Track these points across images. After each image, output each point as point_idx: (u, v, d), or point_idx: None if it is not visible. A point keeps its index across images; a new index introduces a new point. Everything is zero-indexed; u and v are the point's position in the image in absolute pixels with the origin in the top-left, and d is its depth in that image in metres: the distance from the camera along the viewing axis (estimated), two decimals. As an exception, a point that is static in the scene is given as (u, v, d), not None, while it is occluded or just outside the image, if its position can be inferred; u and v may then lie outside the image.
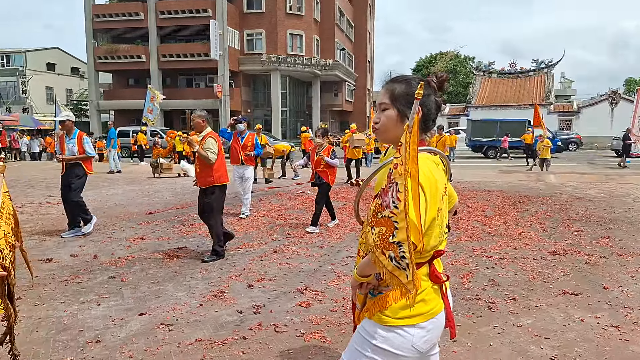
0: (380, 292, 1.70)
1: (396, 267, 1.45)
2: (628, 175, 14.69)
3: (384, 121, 1.76)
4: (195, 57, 37.13)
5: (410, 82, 1.75)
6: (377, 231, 1.49)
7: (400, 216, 1.45)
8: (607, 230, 7.17)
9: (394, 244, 1.45)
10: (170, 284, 4.85)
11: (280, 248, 6.19)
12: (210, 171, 5.63)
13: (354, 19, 52.80)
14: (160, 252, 6.02)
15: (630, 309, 4.10)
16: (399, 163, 1.51)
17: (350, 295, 1.90)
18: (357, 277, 1.71)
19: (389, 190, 1.50)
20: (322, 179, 7.29)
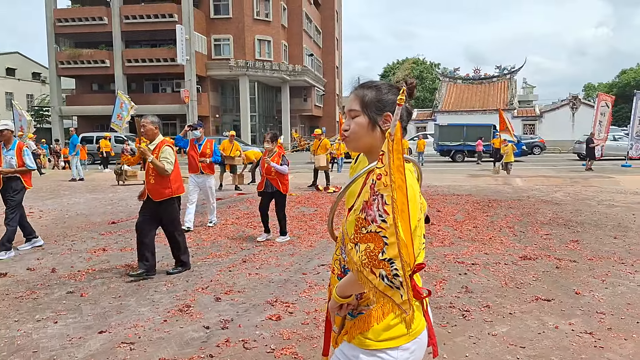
0: (361, 312, 1.57)
1: (388, 286, 1.33)
2: (592, 178, 15.05)
3: (354, 129, 1.64)
4: (161, 62, 36.54)
5: (380, 88, 1.65)
6: (364, 248, 1.36)
7: (389, 230, 1.33)
8: (575, 233, 7.25)
9: (385, 261, 1.32)
10: (132, 298, 4.60)
11: (249, 257, 6.00)
12: (167, 182, 5.26)
13: (322, 25, 53.04)
14: (123, 265, 5.75)
15: (602, 314, 4.09)
16: (382, 173, 1.39)
17: (324, 309, 1.76)
18: (338, 298, 1.56)
19: (374, 203, 1.38)
20: (274, 187, 6.82)
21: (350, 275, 1.47)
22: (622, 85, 61.64)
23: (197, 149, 7.86)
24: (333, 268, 1.69)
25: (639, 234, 7.13)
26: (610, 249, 6.25)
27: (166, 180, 5.25)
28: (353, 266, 1.40)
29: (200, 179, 7.90)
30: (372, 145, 1.63)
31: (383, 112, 1.61)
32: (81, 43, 38.86)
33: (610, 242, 6.67)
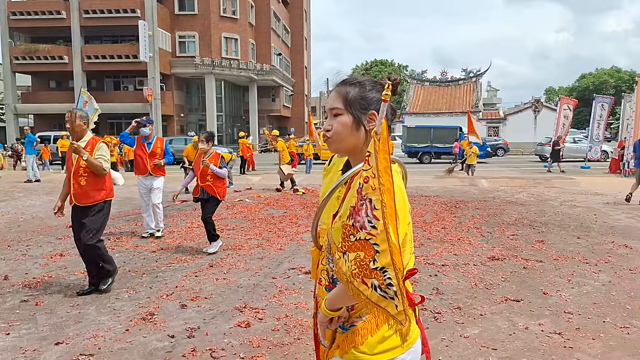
0: (353, 324, 1.47)
1: (382, 297, 1.23)
2: (553, 179, 15.44)
3: (337, 129, 1.53)
4: (123, 58, 35.60)
5: (364, 84, 1.56)
6: (353, 257, 1.26)
7: (380, 237, 1.23)
8: (540, 233, 7.37)
9: (377, 270, 1.23)
10: (92, 306, 4.38)
11: (216, 262, 5.82)
12: (102, 184, 4.69)
13: (290, 24, 52.82)
14: (81, 271, 5.46)
15: (570, 314, 4.13)
16: (369, 176, 1.29)
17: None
18: (327, 312, 1.45)
19: (362, 208, 1.28)
20: (209, 193, 6.16)
21: (340, 286, 1.38)
22: (581, 89, 63.92)
23: (145, 148, 7.13)
24: (320, 279, 1.58)
25: (600, 233, 7.30)
26: (574, 249, 6.36)
27: (101, 181, 4.70)
28: (342, 277, 1.30)
29: (148, 181, 7.23)
30: (356, 145, 1.54)
31: (367, 111, 1.51)
32: (38, 38, 37.43)
33: (574, 242, 6.81)
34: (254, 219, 8.68)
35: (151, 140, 7.17)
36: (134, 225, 8.18)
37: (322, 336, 1.54)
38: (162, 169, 7.33)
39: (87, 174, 4.64)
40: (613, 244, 6.58)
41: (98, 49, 36.45)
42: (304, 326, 3.87)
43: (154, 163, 7.09)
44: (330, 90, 1.62)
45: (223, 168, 6.21)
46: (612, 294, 4.63)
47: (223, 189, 6.33)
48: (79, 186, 4.64)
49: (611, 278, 5.10)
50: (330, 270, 1.52)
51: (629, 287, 4.81)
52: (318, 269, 1.61)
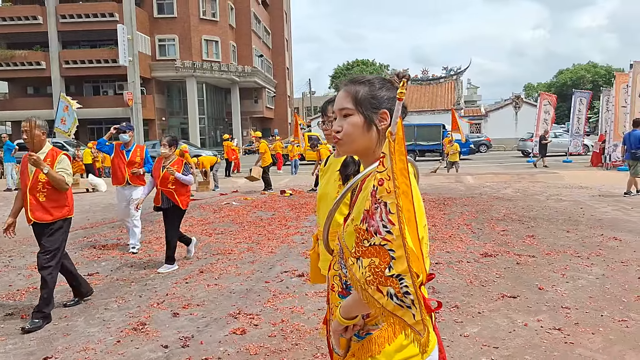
0: (369, 332, 1.40)
1: (398, 305, 1.17)
2: (537, 174, 15.58)
3: (348, 130, 1.45)
4: (102, 63, 35.06)
5: (373, 82, 1.49)
6: (368, 263, 1.20)
7: (396, 243, 1.16)
8: (530, 228, 7.38)
9: (393, 278, 1.16)
10: (80, 318, 4.23)
11: (207, 267, 5.70)
12: (64, 200, 4.27)
13: (271, 25, 52.64)
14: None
15: (568, 309, 4.11)
16: (384, 178, 1.22)
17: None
18: (342, 320, 1.38)
19: (376, 212, 1.21)
20: (171, 201, 5.61)
21: (355, 293, 1.30)
22: (559, 85, 64.86)
23: (124, 156, 6.59)
24: (332, 285, 1.51)
25: (589, 227, 7.35)
26: (565, 243, 6.38)
27: (63, 197, 4.26)
28: (356, 284, 1.22)
29: (127, 191, 6.64)
30: (368, 147, 1.46)
31: (379, 110, 1.44)
32: (14, 43, 36.64)
33: (563, 236, 6.83)
34: (243, 222, 8.56)
35: (130, 147, 6.67)
36: (119, 232, 8.00)
37: (336, 345, 1.47)
38: (141, 179, 6.71)
39: (47, 189, 4.20)
40: (602, 237, 6.62)
41: (76, 53, 35.86)
42: (301, 331, 3.79)
43: (132, 172, 6.54)
44: (339, 89, 1.54)
45: (188, 175, 5.70)
46: (606, 287, 4.63)
47: (186, 197, 5.75)
48: (37, 202, 4.18)
49: (604, 271, 5.11)
50: (343, 276, 1.44)
51: (622, 279, 4.82)
52: (330, 274, 1.54)
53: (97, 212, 10.48)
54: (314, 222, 8.36)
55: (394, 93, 1.49)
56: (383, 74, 54.36)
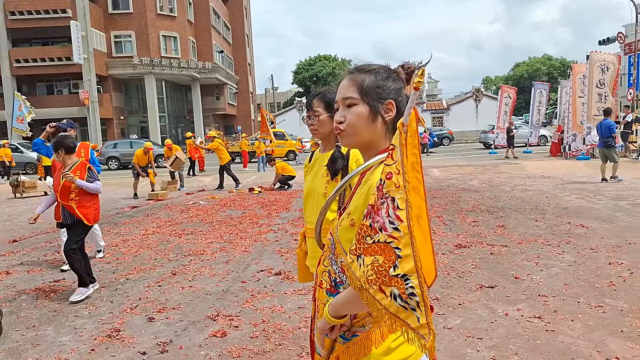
0: (355, 334, 1.33)
1: (402, 307, 1.09)
2: (500, 165, 15.94)
3: (352, 120, 1.37)
4: (55, 61, 33.84)
5: (379, 72, 1.41)
6: (370, 261, 1.12)
7: (403, 241, 1.09)
8: (499, 218, 7.51)
9: (398, 278, 1.09)
10: (50, 327, 4.01)
11: (179, 269, 5.53)
12: None
13: (230, 21, 51.96)
14: (32, 289, 5.05)
15: (545, 297, 4.17)
16: (393, 172, 1.14)
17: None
18: (331, 318, 1.30)
19: (382, 207, 1.13)
20: (74, 216, 4.60)
21: (349, 292, 1.22)
22: (516, 78, 66.74)
23: None
24: (320, 281, 1.42)
25: (556, 215, 7.53)
26: (535, 232, 6.51)
27: None
28: (355, 282, 1.14)
29: None
30: (373, 139, 1.39)
31: (385, 100, 1.37)
32: (-41, 42, 34.92)
33: (533, 225, 6.97)
34: (212, 222, 8.37)
35: None
36: (83, 236, 7.67)
37: (320, 345, 1.39)
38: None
39: None
40: (570, 225, 6.79)
41: (27, 52, 34.47)
42: (283, 331, 3.70)
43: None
44: (343, 78, 1.46)
45: (95, 181, 4.69)
46: (579, 273, 4.73)
47: (93, 210, 4.72)
48: None
49: (575, 258, 5.23)
50: (332, 273, 1.37)
51: (593, 265, 4.94)
52: (319, 269, 1.45)
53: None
54: (286, 219, 8.27)
55: (400, 84, 1.43)
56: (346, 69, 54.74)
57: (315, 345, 1.50)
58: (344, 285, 1.33)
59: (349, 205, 1.37)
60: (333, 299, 1.32)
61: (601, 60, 15.14)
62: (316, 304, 1.46)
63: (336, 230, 1.36)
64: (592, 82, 14.96)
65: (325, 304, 1.36)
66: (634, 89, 20.27)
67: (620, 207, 7.97)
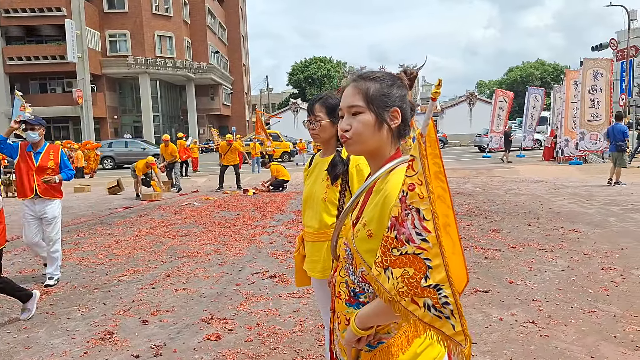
0: (381, 341, 1.34)
1: (436, 317, 1.11)
2: (494, 169, 16.01)
3: (359, 129, 1.37)
4: (49, 59, 33.66)
5: (384, 79, 1.42)
6: (400, 273, 1.13)
7: (433, 251, 1.10)
8: (493, 222, 7.54)
9: (430, 288, 1.10)
10: (42, 329, 3.98)
11: (173, 271, 5.50)
12: None
13: (226, 21, 51.93)
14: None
15: (539, 302, 4.19)
16: (415, 183, 1.15)
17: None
18: (358, 330, 1.31)
19: (407, 219, 1.14)
20: None
21: (377, 304, 1.24)
22: (510, 82, 67.04)
23: (32, 159, 5.02)
24: (339, 292, 1.43)
25: (549, 220, 7.57)
26: (528, 236, 6.54)
27: None
28: (385, 295, 1.15)
29: (38, 206, 5.10)
30: (379, 147, 1.39)
31: (390, 108, 1.37)
32: (-48, 39, 34.66)
33: (526, 229, 7.00)
34: (206, 223, 8.34)
35: (41, 148, 5.09)
36: (76, 237, 7.63)
37: (347, 357, 1.39)
38: (57, 189, 5.20)
39: None
40: (563, 230, 6.83)
41: (21, 49, 34.28)
42: (278, 334, 3.69)
43: (43, 180, 4.98)
44: (347, 85, 1.46)
45: None
46: (573, 278, 4.75)
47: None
48: None
49: (569, 263, 5.26)
50: (351, 283, 1.38)
51: (587, 271, 4.97)
52: (336, 280, 1.46)
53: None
54: (280, 221, 8.25)
55: (403, 91, 1.44)
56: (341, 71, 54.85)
57: (335, 356, 1.51)
58: (364, 295, 1.35)
59: (362, 216, 1.37)
60: (359, 311, 1.33)
61: (594, 66, 15.26)
62: (336, 316, 1.47)
63: (352, 240, 1.37)
64: (585, 87, 15.07)
65: (345, 315, 1.38)
66: (626, 94, 20.45)
67: (613, 212, 8.03)
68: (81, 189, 14.41)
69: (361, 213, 1.38)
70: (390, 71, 1.49)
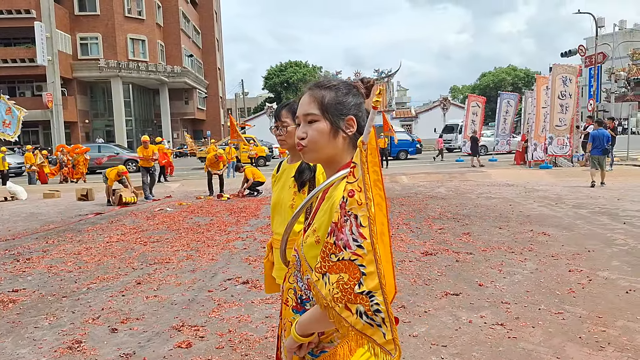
0: (323, 350, 1.34)
1: (368, 324, 1.11)
2: (467, 173, 16.25)
3: (314, 137, 1.39)
4: (18, 62, 32.93)
5: (339, 87, 1.43)
6: (335, 279, 1.13)
7: (367, 258, 1.11)
8: (465, 226, 7.65)
9: (363, 295, 1.11)
10: (7, 338, 3.87)
11: (144, 278, 5.42)
12: None
13: (200, 25, 51.57)
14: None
15: (507, 304, 4.26)
16: (354, 189, 1.16)
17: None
18: (298, 337, 1.31)
19: (346, 225, 1.15)
20: None
21: (315, 310, 1.24)
22: (482, 87, 68.28)
23: None
24: (286, 299, 1.43)
25: (519, 223, 7.73)
26: (498, 239, 6.66)
27: None
28: (321, 301, 1.16)
29: None
30: (334, 154, 1.40)
31: (345, 116, 1.39)
32: None
33: (497, 232, 7.13)
34: (179, 229, 8.25)
35: None
36: (44, 244, 7.45)
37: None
38: None
39: None
40: (532, 232, 6.98)
41: (-12, 52, 33.35)
42: (250, 341, 3.67)
43: None
44: (303, 94, 1.48)
45: None
46: (540, 281, 4.86)
47: None
48: None
49: (537, 265, 5.37)
50: (298, 290, 1.38)
51: (554, 273, 5.08)
52: (284, 287, 1.46)
53: (17, 222, 9.73)
54: (255, 227, 8.21)
55: (360, 99, 1.45)
56: (316, 75, 54.88)
57: None
58: (310, 302, 1.34)
59: (313, 222, 1.37)
60: (300, 317, 1.33)
61: (563, 72, 15.66)
62: (282, 322, 1.47)
63: (301, 247, 1.37)
64: (555, 93, 15.45)
65: (291, 322, 1.37)
66: (594, 100, 21.03)
67: (581, 215, 8.24)
68: (50, 194, 14.07)
69: (312, 219, 1.39)
70: (346, 79, 1.52)
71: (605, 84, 26.82)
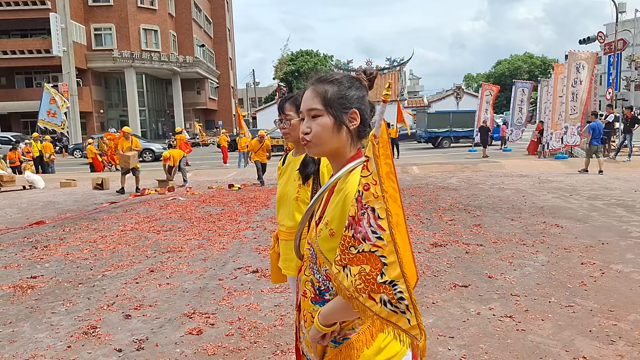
0: (346, 337, 1.38)
1: (392, 312, 1.16)
2: (480, 163, 16.14)
3: (318, 131, 1.41)
4: (34, 53, 33.25)
5: (342, 81, 1.45)
6: (357, 271, 1.17)
7: (387, 249, 1.15)
8: (476, 217, 7.62)
9: (386, 284, 1.15)
10: (26, 323, 3.98)
11: (157, 266, 5.51)
12: None
13: (212, 14, 51.57)
14: (9, 285, 4.99)
15: (517, 297, 4.26)
16: (370, 182, 1.19)
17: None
18: (321, 327, 1.35)
19: (363, 218, 1.18)
20: None
21: (338, 301, 1.28)
22: (497, 75, 67.30)
23: None
24: (304, 291, 1.47)
25: (531, 214, 7.68)
26: (510, 231, 6.63)
27: None
28: (344, 292, 1.20)
29: None
30: (339, 148, 1.43)
31: (348, 110, 1.41)
32: None
33: (508, 224, 7.10)
34: (191, 218, 8.34)
35: None
36: (61, 232, 7.59)
37: (313, 353, 1.43)
38: None
39: None
40: (545, 224, 6.93)
41: (6, 44, 33.82)
42: (259, 328, 3.73)
43: None
44: (306, 89, 1.49)
45: None
46: (552, 273, 4.84)
47: None
48: None
49: (549, 258, 5.34)
50: (316, 282, 1.41)
51: (566, 265, 5.06)
52: (301, 279, 1.50)
53: (35, 210, 9.90)
54: (265, 217, 8.27)
55: (362, 92, 1.46)
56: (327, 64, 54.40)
57: (302, 353, 1.55)
58: (329, 293, 1.38)
59: (324, 215, 1.40)
60: (322, 308, 1.37)
61: (578, 59, 15.37)
62: (302, 313, 1.50)
63: (315, 240, 1.40)
64: (569, 81, 15.21)
65: (312, 313, 1.41)
66: (613, 88, 20.62)
67: (596, 207, 8.15)
68: (67, 183, 14.28)
69: (323, 213, 1.42)
70: (357, 68, 1.53)
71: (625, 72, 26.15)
